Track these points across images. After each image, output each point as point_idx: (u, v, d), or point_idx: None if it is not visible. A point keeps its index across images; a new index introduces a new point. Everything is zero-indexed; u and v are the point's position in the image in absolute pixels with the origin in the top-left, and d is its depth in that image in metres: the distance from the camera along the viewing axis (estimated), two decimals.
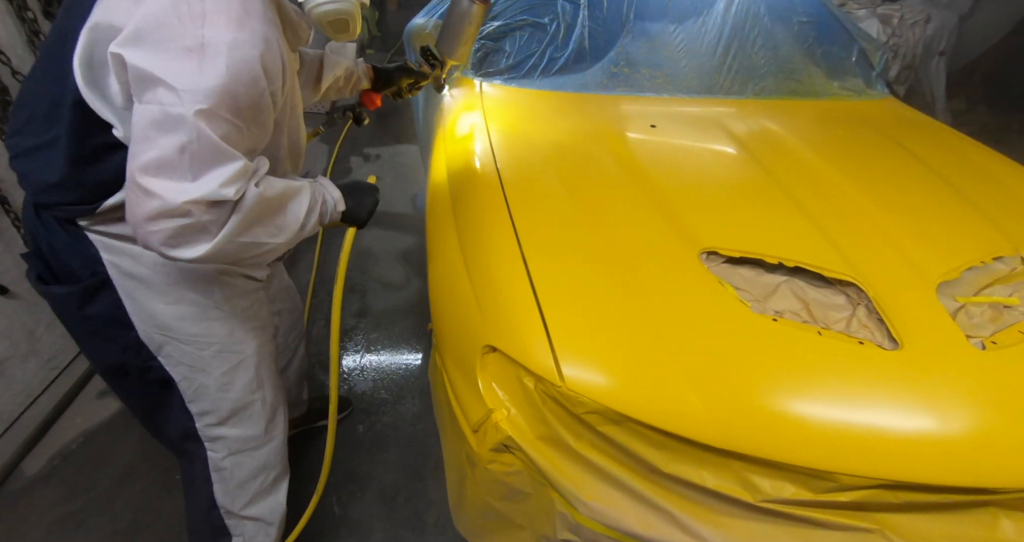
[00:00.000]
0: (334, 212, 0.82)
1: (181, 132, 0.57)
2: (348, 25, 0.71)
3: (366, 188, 0.90)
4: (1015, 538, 0.69)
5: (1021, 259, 0.96)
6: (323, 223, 0.81)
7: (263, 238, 0.69)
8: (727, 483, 0.73)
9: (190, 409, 0.88)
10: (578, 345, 0.78)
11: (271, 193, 0.68)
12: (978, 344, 0.79)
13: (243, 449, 0.94)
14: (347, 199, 0.84)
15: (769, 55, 1.56)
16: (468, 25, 1.09)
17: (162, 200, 0.58)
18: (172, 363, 0.84)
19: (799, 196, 1.06)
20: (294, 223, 0.73)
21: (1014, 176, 1.24)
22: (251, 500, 0.99)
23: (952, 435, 0.69)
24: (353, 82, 1.14)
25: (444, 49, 1.16)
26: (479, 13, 1.07)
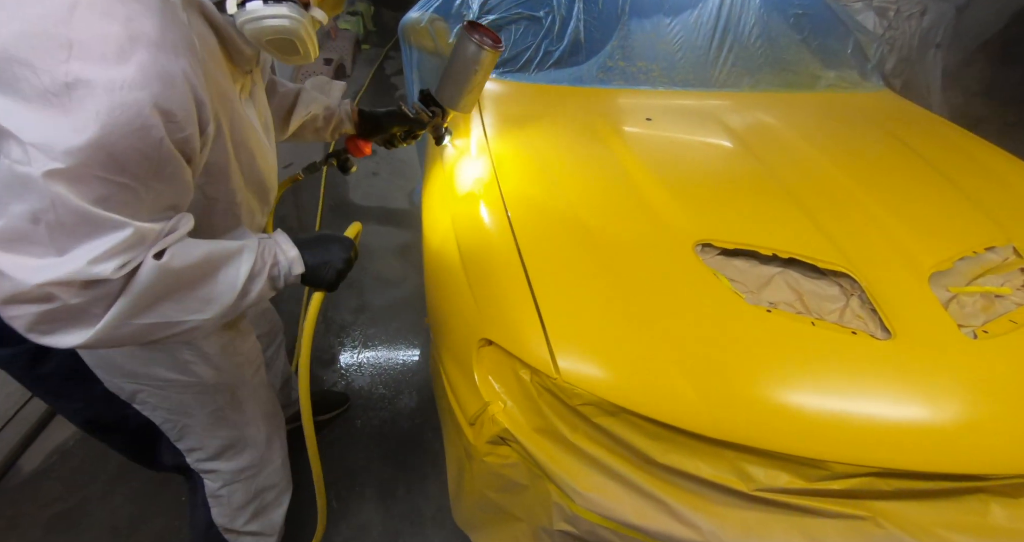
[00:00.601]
0: (289, 275, 0.68)
1: (31, 197, 0.44)
2: (294, 46, 0.60)
3: (336, 242, 0.73)
4: (1006, 524, 0.70)
5: (1013, 249, 0.97)
6: (277, 287, 0.68)
7: (179, 316, 0.56)
8: (722, 473, 0.73)
9: (178, 446, 0.84)
10: (573, 337, 0.79)
11: (185, 262, 0.55)
12: (970, 333, 0.80)
13: (239, 479, 0.92)
14: (309, 258, 0.69)
15: (764, 48, 1.56)
16: (474, 73, 0.95)
17: (12, 281, 0.46)
18: (149, 409, 0.78)
19: (794, 188, 1.07)
20: (228, 293, 0.60)
21: (1008, 167, 1.25)
22: (251, 518, 0.98)
23: (943, 423, 0.70)
24: (334, 125, 1.02)
25: (445, 97, 1.00)
26: (489, 60, 0.93)
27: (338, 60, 3.88)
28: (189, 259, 0.56)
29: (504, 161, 1.15)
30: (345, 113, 1.03)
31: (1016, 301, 0.87)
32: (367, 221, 2.50)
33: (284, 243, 0.69)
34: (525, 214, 0.98)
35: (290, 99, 0.93)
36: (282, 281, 0.68)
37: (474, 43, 0.91)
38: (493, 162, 1.14)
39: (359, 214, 2.57)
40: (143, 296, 0.52)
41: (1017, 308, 0.85)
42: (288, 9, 0.57)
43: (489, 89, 1.49)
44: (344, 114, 1.02)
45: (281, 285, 0.68)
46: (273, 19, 0.57)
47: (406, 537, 1.25)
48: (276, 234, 0.70)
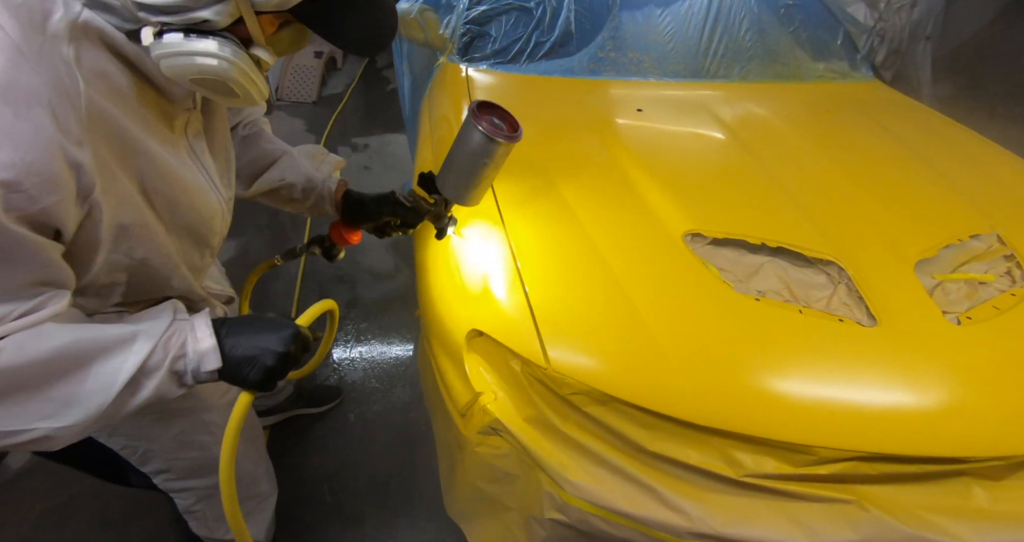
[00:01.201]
0: (199, 372, 0.54)
1: None
2: (229, 89, 0.51)
3: (274, 331, 0.58)
4: (987, 505, 0.71)
5: (997, 237, 0.98)
6: (185, 384, 0.55)
7: (16, 424, 0.45)
8: (710, 460, 0.74)
9: (143, 470, 0.79)
10: (563, 327, 0.79)
11: (24, 357, 0.44)
12: (953, 320, 0.81)
13: (213, 494, 0.86)
14: (232, 349, 0.55)
15: (755, 38, 1.56)
16: (483, 166, 0.78)
17: None
18: (103, 436, 0.72)
19: (783, 178, 1.07)
20: (100, 394, 0.48)
21: (993, 157, 1.26)
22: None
23: (927, 408, 0.71)
24: (313, 202, 0.89)
25: (447, 188, 0.84)
26: (501, 153, 0.77)
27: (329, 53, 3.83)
28: (31, 355, 0.44)
29: None
30: (328, 192, 0.89)
31: (999, 288, 0.88)
32: None
33: (200, 329, 0.55)
34: (515, 205, 0.98)
35: (267, 161, 0.83)
36: (190, 377, 0.54)
37: (481, 133, 0.74)
38: None
39: None
40: None
41: (1000, 294, 0.86)
42: (218, 46, 0.47)
43: (478, 81, 1.48)
44: (327, 192, 0.89)
45: (190, 382, 0.55)
46: (198, 58, 0.47)
47: (400, 529, 1.25)
48: (196, 317, 0.56)
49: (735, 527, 0.71)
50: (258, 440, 0.97)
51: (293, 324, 0.59)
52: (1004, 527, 0.70)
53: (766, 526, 0.72)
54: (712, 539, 0.72)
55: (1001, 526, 0.70)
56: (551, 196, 1.01)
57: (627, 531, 0.75)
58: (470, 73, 1.51)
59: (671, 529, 0.73)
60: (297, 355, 0.59)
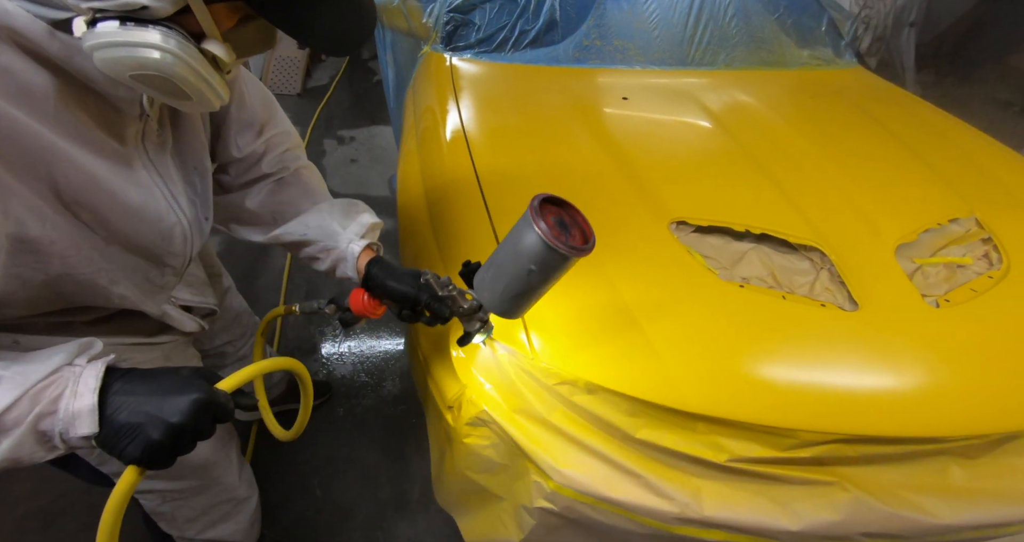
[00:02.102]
0: (67, 435, 0.45)
1: None
2: (178, 88, 0.45)
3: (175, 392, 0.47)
4: (963, 483, 0.73)
5: (975, 221, 0.99)
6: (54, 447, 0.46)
7: None
8: (695, 445, 0.75)
9: (101, 470, 0.74)
10: (549, 318, 0.79)
11: None
12: (932, 302, 0.82)
13: (179, 497, 0.84)
14: (112, 412, 0.45)
15: (740, 25, 1.55)
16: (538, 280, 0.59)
17: None
18: None
19: (767, 165, 1.07)
20: None
21: (972, 141, 1.28)
22: (205, 529, 0.91)
23: (906, 389, 0.72)
24: (331, 265, 0.78)
25: (486, 296, 0.65)
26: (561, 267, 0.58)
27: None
28: None
29: (479, 143, 1.13)
30: (351, 255, 0.75)
31: (976, 271, 0.90)
32: None
33: (84, 382, 0.45)
34: (501, 196, 0.98)
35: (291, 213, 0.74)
36: (59, 441, 0.45)
37: (538, 236, 0.55)
38: (468, 145, 1.13)
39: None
40: None
41: (977, 277, 0.88)
42: (161, 37, 0.41)
43: (464, 70, 1.46)
44: (350, 256, 0.75)
45: (59, 447, 0.45)
46: (138, 50, 0.41)
47: (391, 522, 1.25)
48: (88, 367, 0.47)
49: (720, 511, 0.72)
50: (229, 444, 0.94)
51: (205, 387, 0.48)
52: (979, 503, 0.71)
53: (751, 509, 0.73)
54: (698, 523, 0.73)
55: (976, 502, 0.71)
56: (537, 186, 1.01)
57: (615, 518, 0.76)
58: (454, 62, 1.49)
59: (658, 515, 0.73)
60: (202, 428, 0.47)
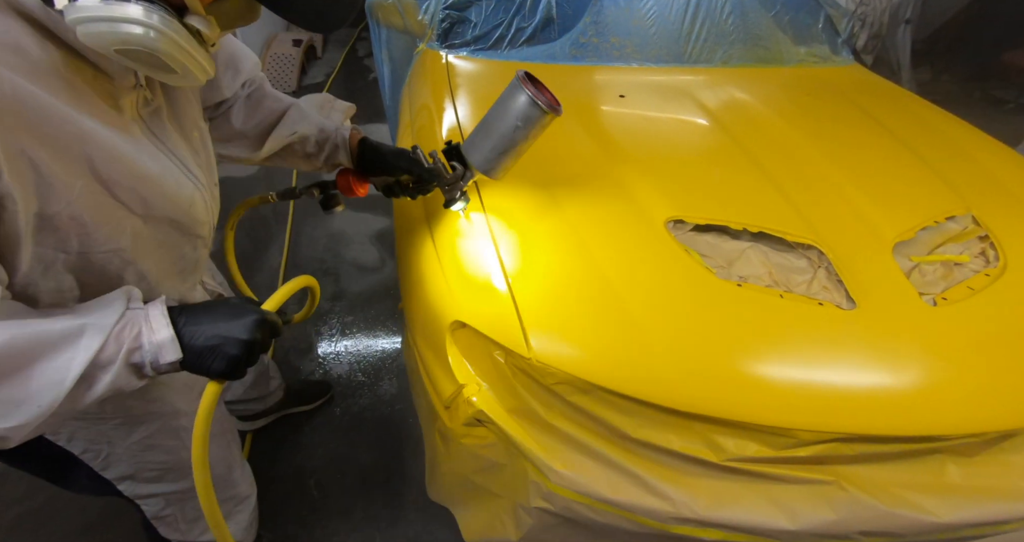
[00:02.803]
0: (157, 363, 0.51)
1: None
2: (162, 62, 0.46)
3: (238, 318, 0.54)
4: (960, 481, 0.73)
5: (972, 218, 0.99)
6: (146, 376, 0.52)
7: None
8: (693, 445, 0.74)
9: (104, 476, 0.74)
10: (546, 317, 0.78)
11: None
12: (930, 301, 0.82)
13: (183, 499, 0.84)
14: (191, 338, 0.52)
15: (737, 23, 1.55)
16: (521, 135, 0.77)
17: None
18: (63, 439, 0.68)
19: (764, 163, 1.07)
20: (50, 391, 0.45)
21: (969, 139, 1.27)
22: (206, 530, 0.90)
23: (904, 388, 0.72)
24: (327, 153, 0.85)
25: (474, 154, 0.80)
26: (541, 123, 0.76)
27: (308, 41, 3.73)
28: None
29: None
30: (342, 140, 0.84)
31: (973, 268, 0.90)
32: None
33: (156, 319, 0.51)
34: (497, 194, 0.97)
35: (275, 116, 0.80)
36: (149, 369, 0.51)
37: (528, 96, 0.74)
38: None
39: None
40: None
41: (974, 275, 0.88)
42: (143, 12, 0.42)
43: (460, 68, 1.45)
44: (340, 141, 0.84)
45: (150, 373, 0.51)
46: (120, 25, 0.42)
47: (387, 522, 1.25)
48: (151, 306, 0.52)
49: (718, 510, 0.72)
50: (233, 443, 0.94)
51: (257, 310, 0.56)
52: (976, 501, 0.72)
53: (748, 508, 0.73)
54: (695, 523, 0.73)
55: (973, 500, 0.72)
56: (534, 184, 1.00)
57: (612, 517, 0.76)
58: (450, 60, 1.48)
59: (655, 514, 0.73)
60: (264, 342, 0.56)
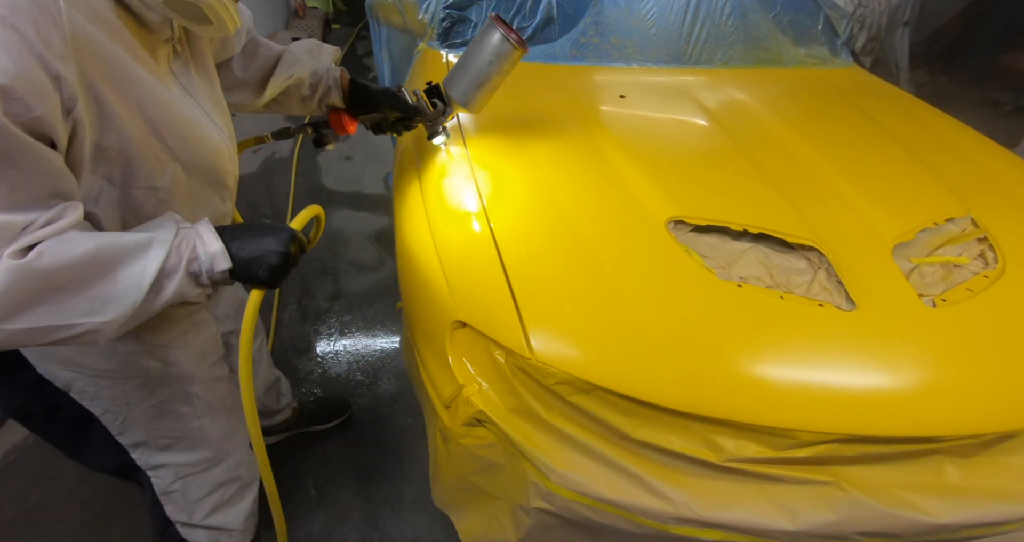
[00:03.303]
0: (212, 271, 0.59)
1: None
2: (201, 13, 0.54)
3: (272, 234, 0.63)
4: (958, 482, 0.73)
5: (971, 220, 1.00)
6: (202, 284, 0.60)
7: (66, 319, 0.51)
8: (693, 445, 0.74)
9: (120, 441, 0.78)
10: (546, 317, 0.78)
11: (61, 260, 0.49)
12: (929, 302, 0.82)
13: (192, 472, 0.86)
14: (237, 251, 0.60)
15: (737, 24, 1.55)
16: (496, 71, 0.90)
17: None
18: (87, 399, 0.73)
19: (764, 163, 1.07)
20: (131, 293, 0.53)
21: (968, 141, 1.28)
22: (211, 512, 0.92)
23: (903, 389, 0.72)
24: (320, 94, 0.93)
25: (456, 91, 0.93)
26: (512, 58, 0.89)
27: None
28: (68, 257, 0.49)
29: (476, 141, 1.12)
30: (334, 80, 0.93)
31: (972, 270, 0.90)
32: (341, 206, 2.44)
33: (206, 234, 0.59)
34: (498, 194, 0.97)
35: (270, 62, 0.85)
36: (206, 278, 0.59)
37: (500, 33, 0.86)
38: (465, 142, 1.12)
39: (333, 199, 2.50)
40: (4, 299, 0.47)
41: (973, 277, 0.88)
42: None
43: None
44: (332, 82, 0.93)
45: (207, 282, 0.60)
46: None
47: (386, 522, 1.25)
48: (199, 224, 0.61)
49: (717, 511, 0.72)
50: (240, 423, 0.94)
51: (289, 227, 0.65)
52: (974, 502, 0.72)
53: (748, 509, 0.73)
54: (695, 523, 0.73)
55: (971, 501, 0.72)
56: (534, 185, 1.00)
57: (611, 518, 0.76)
58: (450, 59, 1.48)
59: (655, 515, 0.73)
60: (296, 255, 0.64)
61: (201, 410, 0.81)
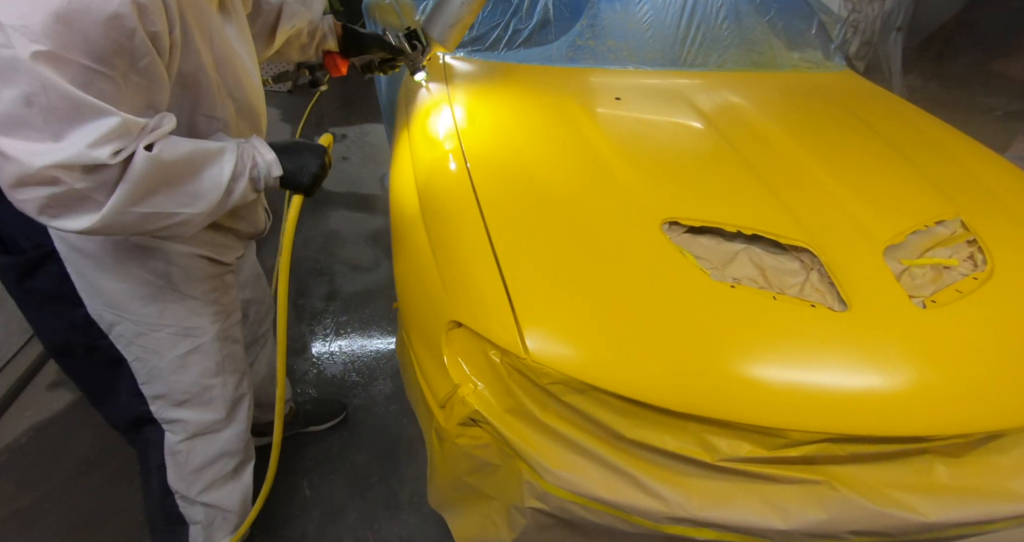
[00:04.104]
0: (268, 177, 0.72)
1: (20, 81, 0.47)
2: None
3: (309, 149, 0.77)
4: (948, 481, 0.74)
5: (961, 222, 1.01)
6: (258, 189, 0.72)
7: (171, 207, 0.61)
8: (687, 445, 0.75)
9: (143, 391, 0.85)
10: (542, 317, 0.78)
11: (173, 156, 0.59)
12: (919, 303, 0.83)
13: (201, 433, 0.91)
14: (285, 162, 0.73)
15: (732, 27, 1.56)
16: (466, 11, 1.05)
17: (18, 164, 0.50)
18: (123, 343, 0.80)
19: (758, 166, 1.08)
20: (214, 191, 0.64)
21: (958, 144, 1.30)
22: (208, 487, 0.95)
23: (894, 389, 0.73)
24: (318, 40, 1.04)
25: (432, 30, 1.10)
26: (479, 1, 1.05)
27: None
28: (176, 154, 0.59)
29: (472, 142, 1.13)
30: (328, 27, 1.04)
31: (962, 272, 0.91)
32: (338, 207, 2.44)
33: (261, 147, 0.71)
34: (494, 195, 0.97)
35: (274, 14, 0.92)
36: (262, 183, 0.71)
37: None
38: (461, 143, 1.12)
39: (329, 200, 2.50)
40: (139, 185, 0.56)
41: (963, 278, 0.89)
42: None
43: (457, 68, 1.45)
44: (328, 28, 1.04)
45: (262, 187, 0.72)
46: None
47: (381, 522, 1.24)
48: (253, 138, 0.72)
49: (711, 510, 0.73)
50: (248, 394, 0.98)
51: (322, 145, 0.79)
52: (963, 501, 0.73)
53: (741, 508, 0.73)
54: (689, 522, 0.73)
55: (960, 500, 0.73)
56: (530, 186, 1.00)
57: (606, 517, 0.76)
58: (447, 60, 1.49)
59: (648, 514, 0.74)
60: (327, 167, 0.78)
61: (217, 368, 0.88)
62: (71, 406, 1.45)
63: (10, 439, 1.35)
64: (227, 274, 0.88)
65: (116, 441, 1.35)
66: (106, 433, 1.37)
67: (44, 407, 1.44)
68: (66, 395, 1.47)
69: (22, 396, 1.46)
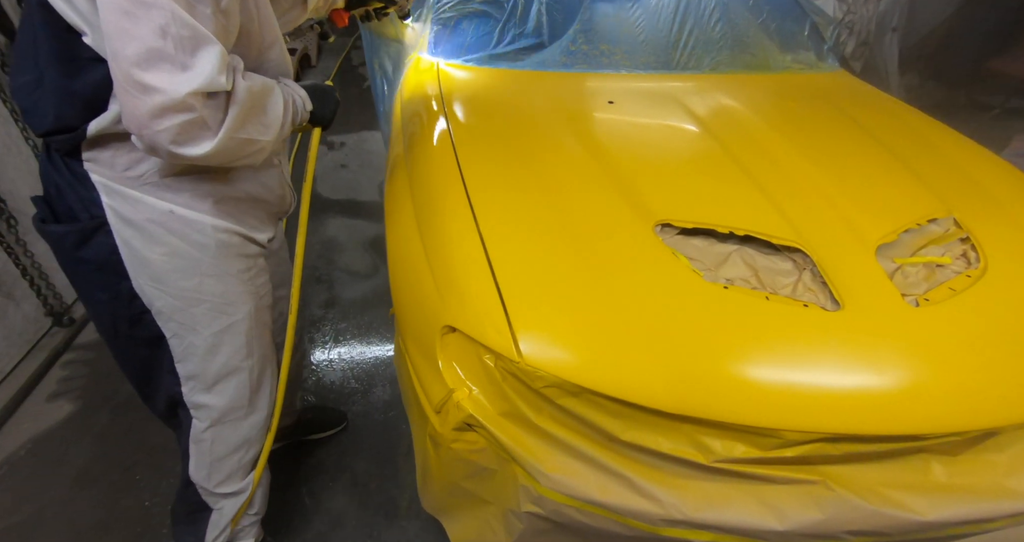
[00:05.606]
0: (303, 112, 0.82)
1: (155, 14, 0.53)
2: None
3: (326, 89, 0.90)
4: (944, 480, 0.74)
5: (953, 221, 1.01)
6: (295, 123, 0.80)
7: (255, 135, 0.68)
8: (681, 446, 0.75)
9: (178, 370, 0.88)
10: (535, 321, 0.79)
11: (257, 87, 0.67)
12: (912, 302, 0.83)
13: (225, 420, 0.93)
14: (312, 100, 0.84)
15: (724, 30, 1.58)
16: None
17: (164, 94, 0.55)
18: (163, 318, 0.83)
19: (750, 167, 1.08)
20: (276, 122, 0.72)
21: (951, 143, 1.30)
22: (228, 477, 0.98)
23: (888, 388, 0.73)
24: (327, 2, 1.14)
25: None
26: None
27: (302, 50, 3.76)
28: (256, 88, 0.67)
29: (466, 147, 1.13)
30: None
31: (955, 270, 0.91)
32: (336, 214, 2.45)
33: (295, 86, 0.81)
34: (487, 200, 0.98)
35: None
36: (299, 117, 0.81)
37: None
38: (455, 148, 1.13)
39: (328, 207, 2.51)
40: (241, 112, 0.63)
41: (956, 276, 0.89)
42: None
43: (452, 75, 1.47)
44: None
45: (298, 120, 0.81)
46: None
47: (380, 529, 1.24)
48: (284, 79, 0.81)
49: (706, 512, 0.72)
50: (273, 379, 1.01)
51: (331, 85, 0.92)
52: (959, 499, 0.72)
53: (736, 509, 0.73)
54: (684, 525, 0.73)
55: (956, 498, 0.72)
56: (523, 190, 1.01)
57: (601, 520, 0.76)
58: (442, 67, 1.50)
59: (644, 516, 0.73)
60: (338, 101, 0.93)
61: (245, 350, 0.91)
62: (70, 418, 1.46)
63: (9, 451, 1.36)
64: (259, 257, 0.92)
65: (115, 452, 1.36)
66: (105, 444, 1.38)
67: (43, 419, 1.45)
68: (65, 407, 1.48)
69: (21, 409, 1.47)
